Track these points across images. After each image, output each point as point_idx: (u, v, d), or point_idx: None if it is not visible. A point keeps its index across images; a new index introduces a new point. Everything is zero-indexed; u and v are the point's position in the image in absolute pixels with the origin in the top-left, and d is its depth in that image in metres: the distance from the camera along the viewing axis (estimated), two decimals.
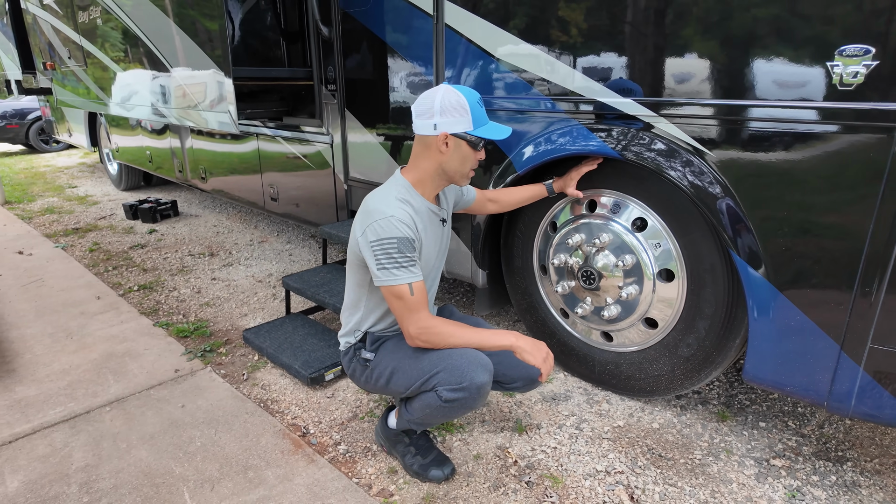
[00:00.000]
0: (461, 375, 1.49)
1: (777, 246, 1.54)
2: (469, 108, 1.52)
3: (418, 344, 1.56)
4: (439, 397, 1.52)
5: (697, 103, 1.62)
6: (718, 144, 1.61)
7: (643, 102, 1.73)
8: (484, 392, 1.52)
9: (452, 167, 1.58)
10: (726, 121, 1.58)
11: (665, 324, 1.93)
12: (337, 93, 2.78)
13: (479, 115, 1.55)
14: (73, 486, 1.75)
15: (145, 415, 2.12)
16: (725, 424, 2.00)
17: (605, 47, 1.80)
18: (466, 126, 1.53)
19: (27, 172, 7.88)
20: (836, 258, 1.45)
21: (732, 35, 1.52)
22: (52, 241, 4.47)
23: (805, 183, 1.47)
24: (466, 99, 1.52)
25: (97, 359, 2.55)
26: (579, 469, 1.79)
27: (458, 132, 1.53)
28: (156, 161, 5.10)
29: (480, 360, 1.52)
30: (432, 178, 1.61)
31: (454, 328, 1.55)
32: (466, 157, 1.58)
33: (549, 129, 2.00)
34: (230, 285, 3.48)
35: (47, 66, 5.24)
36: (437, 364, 1.53)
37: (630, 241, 1.93)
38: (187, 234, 4.65)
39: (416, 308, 1.51)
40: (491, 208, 2.04)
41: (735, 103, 1.54)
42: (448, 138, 1.54)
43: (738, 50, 1.52)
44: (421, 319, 1.52)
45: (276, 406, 2.18)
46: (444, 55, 2.23)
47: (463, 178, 1.63)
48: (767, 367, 1.64)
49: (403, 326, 1.55)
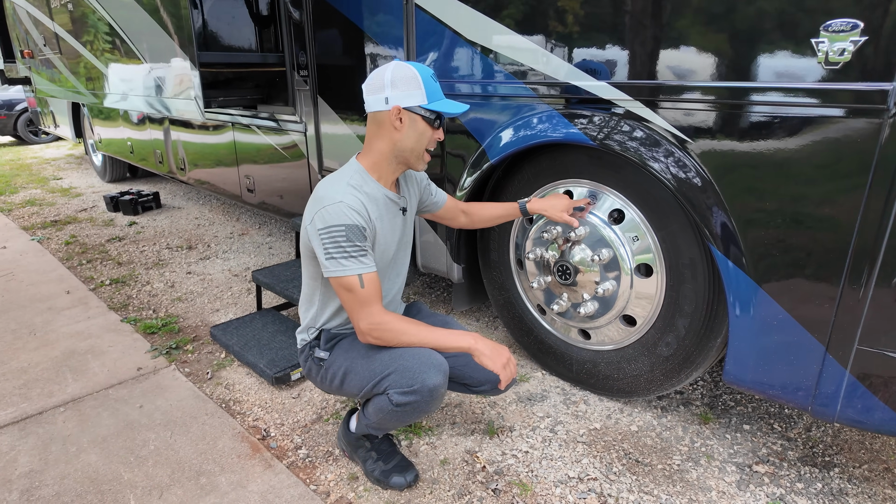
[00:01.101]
0: (412, 377, 1.39)
1: (758, 239, 1.43)
2: (422, 80, 1.42)
3: (370, 340, 1.46)
4: (390, 401, 1.42)
5: (674, 86, 1.50)
6: (696, 130, 1.49)
7: (619, 86, 1.62)
8: (437, 395, 1.42)
9: (408, 146, 1.47)
10: (703, 105, 1.46)
11: (643, 321, 1.83)
12: (309, 79, 2.66)
13: (433, 90, 1.44)
14: (14, 492, 1.65)
15: (100, 416, 2.02)
16: (707, 427, 1.90)
17: (579, 27, 1.68)
18: (420, 99, 1.42)
19: (12, 164, 7.76)
20: (821, 252, 1.35)
21: (708, 12, 1.40)
22: (28, 233, 4.36)
23: (788, 171, 1.35)
24: (418, 71, 1.42)
25: (58, 356, 2.45)
26: (550, 475, 1.69)
27: (412, 106, 1.43)
28: (137, 152, 4.98)
29: (434, 361, 1.41)
30: (388, 160, 1.50)
31: (409, 325, 1.44)
32: (422, 135, 1.47)
33: (523, 115, 1.89)
34: (205, 279, 3.37)
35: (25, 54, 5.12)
36: (389, 365, 1.43)
37: (607, 234, 1.82)
38: (167, 226, 4.54)
39: (367, 302, 1.41)
40: (462, 221, 1.92)
41: (712, 85, 1.43)
42: (402, 113, 1.43)
43: (714, 28, 1.40)
44: (373, 314, 1.42)
45: (238, 407, 2.08)
46: (414, 38, 2.12)
47: (418, 160, 1.51)
48: (748, 368, 1.53)
49: (354, 321, 1.45)
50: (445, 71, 2.06)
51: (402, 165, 1.53)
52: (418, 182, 1.73)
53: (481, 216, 1.91)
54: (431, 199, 1.80)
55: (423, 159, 1.51)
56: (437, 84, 1.46)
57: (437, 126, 1.48)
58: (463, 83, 2.02)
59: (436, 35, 2.05)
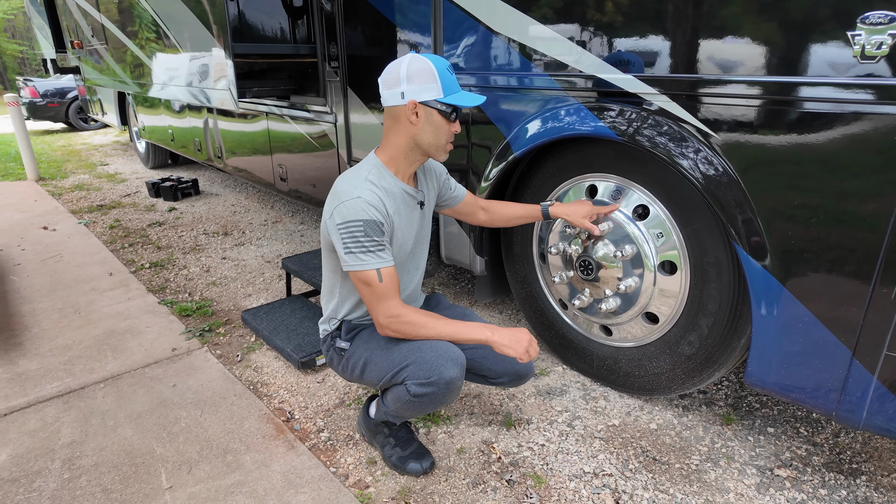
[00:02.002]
0: (430, 370, 1.41)
1: (784, 238, 1.39)
2: (437, 73, 1.42)
3: (388, 333, 1.48)
4: (408, 391, 1.45)
5: (703, 80, 1.47)
6: (724, 126, 1.46)
7: (647, 80, 1.59)
8: (453, 387, 1.44)
9: (426, 140, 1.48)
10: (733, 101, 1.42)
11: (666, 319, 1.81)
12: (339, 70, 2.70)
13: (449, 82, 1.44)
14: (57, 461, 1.76)
15: (136, 393, 2.12)
16: (730, 428, 1.87)
17: (607, 20, 1.65)
18: (436, 93, 1.42)
19: (63, 150, 8.13)
20: (851, 253, 1.30)
21: (738, 5, 1.36)
22: (76, 217, 4.58)
23: (818, 169, 1.31)
24: (434, 65, 1.42)
25: (100, 335, 2.58)
26: (565, 469, 1.70)
27: (427, 100, 1.43)
28: (177, 140, 5.15)
29: (451, 354, 1.43)
30: (405, 154, 1.52)
31: (427, 318, 1.47)
32: (439, 129, 1.47)
33: (548, 108, 1.87)
34: (239, 265, 3.48)
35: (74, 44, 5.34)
36: (408, 356, 1.45)
37: (631, 230, 1.80)
38: (205, 212, 4.69)
39: (385, 295, 1.44)
40: (481, 218, 1.91)
41: (741, 79, 1.39)
42: (417, 107, 1.44)
43: (744, 22, 1.36)
44: (390, 308, 1.45)
45: (264, 389, 2.16)
46: (442, 29, 2.12)
47: (439, 151, 1.51)
48: (771, 370, 1.50)
49: (373, 314, 1.48)
50: (472, 63, 2.06)
51: (421, 157, 1.54)
52: (437, 176, 1.74)
53: (501, 215, 1.91)
54: (450, 194, 1.81)
55: (444, 150, 1.52)
56: (454, 76, 1.46)
57: (453, 119, 1.48)
58: (489, 75, 2.01)
59: (463, 26, 2.05)
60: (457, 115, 1.49)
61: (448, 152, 1.55)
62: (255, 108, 3.55)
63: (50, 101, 9.88)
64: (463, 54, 2.09)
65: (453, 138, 1.53)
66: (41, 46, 7.44)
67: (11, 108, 5.84)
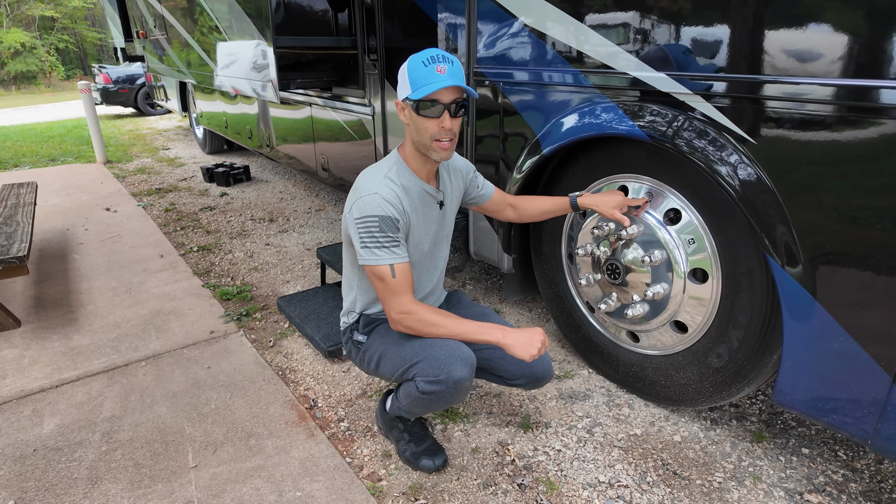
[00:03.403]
0: (438, 368, 1.42)
1: (819, 248, 1.30)
2: (407, 70, 1.41)
3: (400, 329, 1.50)
4: (417, 388, 1.47)
5: (741, 82, 1.38)
6: (761, 131, 1.37)
7: (682, 80, 1.51)
8: (461, 387, 1.44)
9: (415, 138, 1.48)
10: (772, 104, 1.33)
11: (695, 329, 1.73)
12: (378, 62, 2.71)
13: (419, 76, 1.38)
14: (97, 434, 1.89)
15: (174, 372, 2.24)
16: (760, 446, 1.77)
17: (642, 15, 1.58)
18: (406, 90, 1.42)
19: (131, 134, 8.59)
20: (891, 271, 1.20)
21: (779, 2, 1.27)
22: (136, 199, 4.84)
23: (859, 180, 1.21)
24: (409, 61, 1.42)
25: (146, 315, 2.73)
26: (580, 477, 1.67)
27: (403, 98, 1.44)
28: (231, 127, 5.33)
29: (461, 354, 1.43)
30: (413, 153, 1.52)
31: (438, 317, 1.47)
32: (419, 126, 1.44)
33: (579, 106, 1.82)
34: (280, 251, 3.59)
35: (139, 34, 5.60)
36: (419, 353, 1.47)
37: (661, 234, 1.73)
38: (254, 198, 4.86)
39: (397, 291, 1.45)
40: (509, 214, 1.89)
41: (783, 81, 1.29)
42: (403, 106, 1.46)
43: (785, 21, 1.26)
44: (402, 304, 1.46)
45: (292, 376, 2.22)
46: (476, 23, 2.08)
47: (428, 149, 1.46)
48: (801, 390, 1.41)
49: (385, 309, 1.50)
50: (504, 57, 2.02)
51: (423, 157, 1.51)
52: (464, 175, 1.73)
53: (529, 210, 1.87)
54: (478, 192, 1.79)
55: (432, 149, 1.45)
56: (433, 66, 1.37)
57: (430, 114, 1.40)
58: (519, 70, 1.97)
59: (496, 19, 2.00)
60: (441, 110, 1.40)
61: (441, 151, 1.45)
62: (299, 99, 3.63)
63: (121, 87, 10.45)
64: (495, 48, 2.05)
65: (448, 136, 1.43)
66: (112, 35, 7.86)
67: (83, 95, 6.21)
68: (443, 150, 1.45)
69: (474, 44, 2.12)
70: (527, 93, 1.98)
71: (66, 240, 3.85)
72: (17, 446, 1.83)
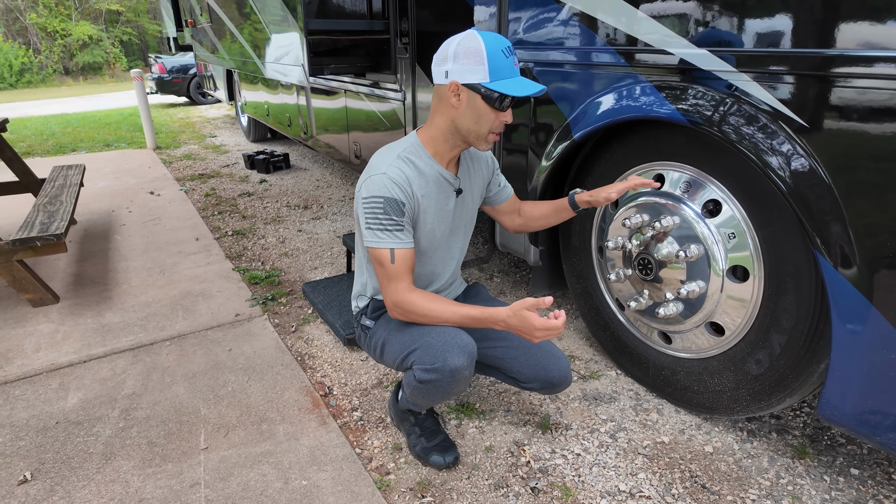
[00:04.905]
0: (434, 356, 1.36)
1: (878, 247, 1.15)
2: (486, 55, 1.29)
3: (396, 316, 1.45)
4: (414, 377, 1.42)
5: (800, 57, 1.23)
6: (818, 116, 1.22)
7: (726, 56, 1.37)
8: (458, 377, 1.37)
9: (466, 125, 1.38)
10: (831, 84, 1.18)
11: (732, 332, 1.59)
12: (409, 46, 2.64)
13: (501, 66, 1.31)
14: (116, 410, 1.91)
15: (196, 353, 2.25)
16: (802, 463, 1.62)
17: None
18: (481, 76, 1.31)
19: (181, 122, 8.87)
20: None
21: None
22: (179, 184, 4.97)
23: None
24: (486, 44, 1.30)
25: (176, 296, 2.77)
26: (598, 484, 1.56)
27: (472, 82, 1.32)
28: (272, 115, 5.39)
29: (459, 342, 1.36)
30: (445, 136, 1.43)
31: (434, 305, 1.39)
32: (482, 116, 1.35)
33: (612, 87, 1.69)
34: (311, 238, 3.59)
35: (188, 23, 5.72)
36: (417, 340, 1.41)
37: (699, 227, 1.59)
38: (291, 185, 4.90)
39: (395, 277, 1.39)
40: (517, 221, 1.77)
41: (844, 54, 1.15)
42: (460, 89, 1.34)
43: None
44: (398, 291, 1.40)
45: (310, 362, 2.20)
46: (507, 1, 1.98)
47: (480, 140, 1.40)
48: (851, 405, 1.26)
49: (383, 294, 1.44)
50: (535, 38, 1.91)
51: (462, 144, 1.44)
52: (489, 164, 1.64)
53: (532, 215, 1.76)
54: (498, 189, 1.70)
55: (485, 140, 1.40)
56: (510, 59, 1.32)
57: (501, 107, 1.35)
58: (552, 51, 1.85)
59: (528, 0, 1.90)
60: (508, 104, 1.35)
61: (491, 143, 1.42)
62: (334, 86, 3.60)
63: (175, 77, 10.81)
64: (526, 28, 1.94)
65: (502, 128, 1.39)
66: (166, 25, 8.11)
67: (136, 83, 6.43)
68: (492, 141, 1.43)
69: (505, 23, 2.02)
70: (558, 75, 1.87)
71: (110, 221, 3.98)
72: (41, 418, 1.87)
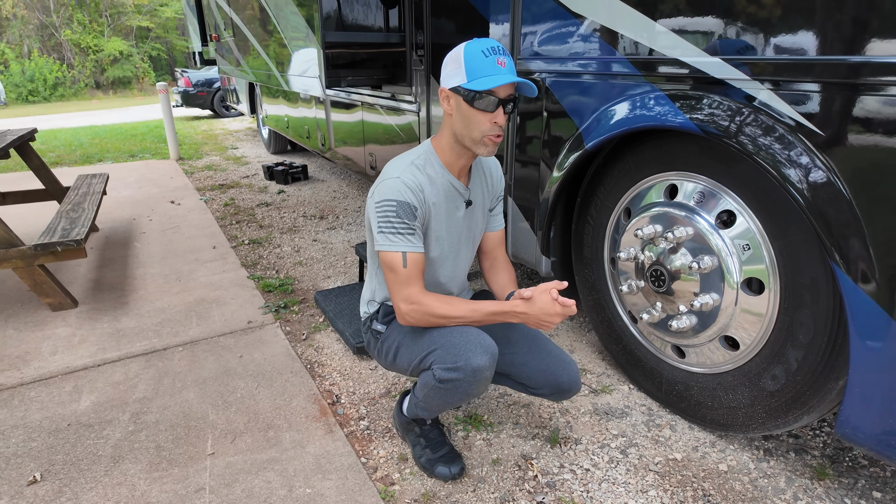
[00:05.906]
0: (457, 355, 1.35)
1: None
2: (464, 57, 1.31)
3: (409, 322, 1.43)
4: (434, 376, 1.40)
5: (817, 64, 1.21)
6: (836, 126, 1.19)
7: (741, 65, 1.35)
8: (480, 377, 1.35)
9: (459, 130, 1.39)
10: (846, 90, 1.16)
11: (747, 346, 1.54)
12: (424, 58, 2.66)
13: (478, 66, 1.30)
14: (127, 414, 1.92)
15: (207, 359, 2.26)
16: (821, 484, 1.56)
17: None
18: (459, 79, 1.32)
19: (204, 134, 9.06)
20: None
21: None
22: (199, 194, 5.06)
23: None
24: (465, 48, 1.33)
25: (191, 302, 2.80)
26: (608, 501, 1.52)
27: (454, 86, 1.34)
28: (291, 128, 5.48)
29: (481, 341, 1.36)
30: (450, 145, 1.44)
31: (449, 306, 1.39)
32: (470, 118, 1.35)
33: (625, 96, 1.68)
34: (326, 247, 3.61)
35: (212, 37, 5.87)
36: (437, 341, 1.40)
37: (713, 239, 1.56)
38: (309, 196, 4.95)
39: (407, 281, 1.39)
40: (486, 264, 1.70)
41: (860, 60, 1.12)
42: (448, 94, 1.37)
43: None
44: (412, 295, 1.39)
45: (320, 370, 2.19)
46: (520, 11, 1.99)
47: (476, 144, 1.39)
48: (871, 424, 1.21)
49: (394, 302, 1.43)
50: (548, 48, 1.91)
51: (466, 151, 1.44)
52: (497, 182, 1.64)
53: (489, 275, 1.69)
54: (493, 215, 1.68)
55: (481, 144, 1.39)
56: (493, 58, 1.31)
57: (485, 108, 1.32)
58: (565, 61, 1.85)
59: (541, 9, 1.90)
60: (495, 103, 1.33)
61: (491, 147, 1.40)
62: (352, 98, 3.65)
63: (199, 90, 11.06)
64: (539, 38, 1.94)
65: (498, 131, 1.37)
66: (192, 40, 8.32)
67: (161, 96, 6.59)
68: (494, 144, 1.39)
69: (518, 34, 2.03)
70: (571, 85, 1.86)
71: (131, 228, 4.06)
72: (53, 419, 1.89)
